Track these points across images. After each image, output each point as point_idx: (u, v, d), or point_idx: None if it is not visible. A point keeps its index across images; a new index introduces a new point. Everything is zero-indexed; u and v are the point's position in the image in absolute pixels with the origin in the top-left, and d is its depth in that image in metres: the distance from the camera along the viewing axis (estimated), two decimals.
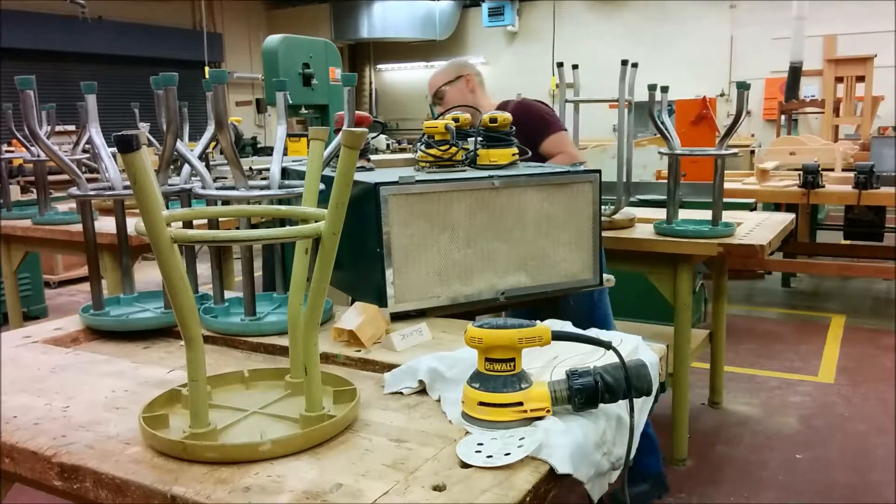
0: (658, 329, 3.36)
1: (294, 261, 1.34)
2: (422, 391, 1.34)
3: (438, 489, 0.99)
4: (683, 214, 3.09)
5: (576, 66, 3.17)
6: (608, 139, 8.09)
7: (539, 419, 1.15)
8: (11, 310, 3.97)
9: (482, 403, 1.15)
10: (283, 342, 1.63)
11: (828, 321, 5.38)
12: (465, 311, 1.91)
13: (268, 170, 1.79)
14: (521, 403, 1.15)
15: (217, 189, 1.83)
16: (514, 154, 2.09)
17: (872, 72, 7.80)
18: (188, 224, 1.87)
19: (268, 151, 6.62)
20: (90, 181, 1.88)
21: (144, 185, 0.99)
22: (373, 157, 2.56)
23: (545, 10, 14.13)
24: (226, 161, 2.00)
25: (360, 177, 1.84)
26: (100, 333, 1.78)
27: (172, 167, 2.10)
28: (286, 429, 1.17)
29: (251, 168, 3.50)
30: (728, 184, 4.30)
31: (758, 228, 3.04)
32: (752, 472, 3.17)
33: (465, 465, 1.05)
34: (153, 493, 1.00)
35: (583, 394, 1.16)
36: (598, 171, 2.02)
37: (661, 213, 3.12)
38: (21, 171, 5.38)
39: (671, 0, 13.02)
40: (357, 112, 2.03)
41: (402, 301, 1.79)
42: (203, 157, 1.93)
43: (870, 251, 6.12)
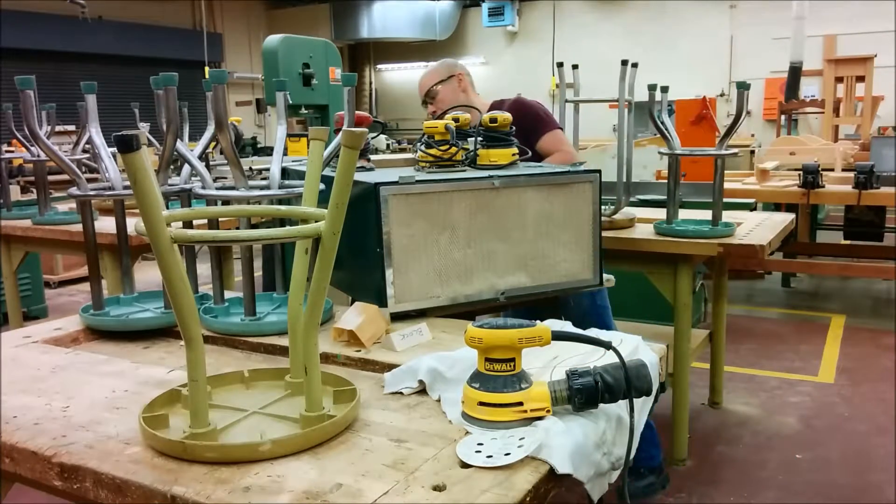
0: (658, 329, 3.36)
1: (294, 261, 1.34)
2: (422, 391, 1.34)
3: (438, 489, 0.99)
4: (683, 214, 3.09)
5: (576, 66, 3.17)
6: (608, 139, 8.09)
7: (539, 419, 1.15)
8: (11, 310, 3.97)
9: (482, 403, 1.15)
10: (283, 342, 1.63)
11: (828, 321, 5.38)
12: (465, 311, 1.91)
13: (268, 170, 1.79)
14: (521, 403, 1.15)
15: (217, 189, 1.83)
16: (514, 154, 2.09)
17: (872, 72, 7.81)
18: (188, 224, 1.87)
19: (268, 151, 6.63)
20: (90, 181, 1.88)
21: (144, 185, 0.99)
22: (373, 157, 2.56)
23: (545, 10, 14.13)
24: (226, 161, 2.00)
25: (360, 177, 1.84)
26: (100, 333, 1.78)
27: (172, 167, 2.10)
28: (286, 429, 1.17)
29: (251, 168, 3.50)
30: (728, 184, 4.30)
31: (758, 228, 3.04)
32: (752, 472, 3.17)
33: (465, 465, 1.05)
34: (153, 493, 1.00)
35: (583, 394, 1.16)
36: (598, 171, 2.02)
37: (661, 213, 3.11)
38: (21, 171, 5.38)
39: (671, 0, 13.02)
40: (357, 112, 2.03)
41: (402, 301, 1.79)
42: (203, 157, 1.92)
43: (870, 251, 6.12)
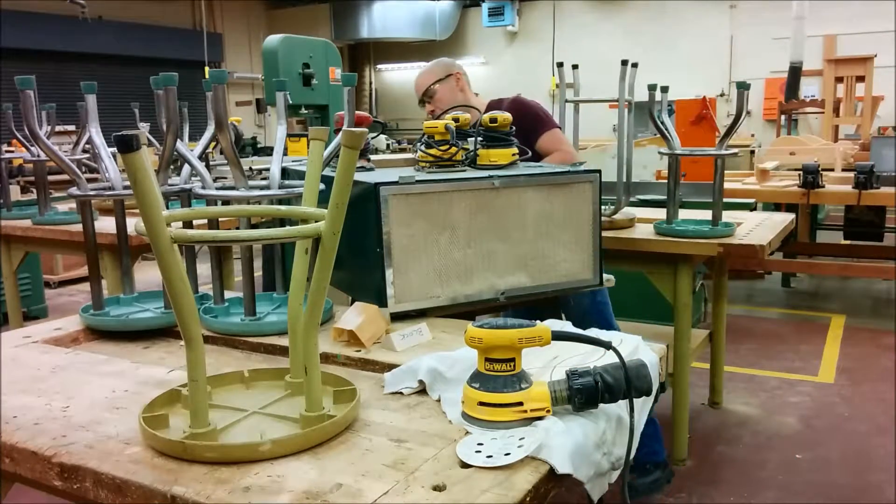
0: (658, 329, 3.36)
1: (294, 261, 1.34)
2: (422, 391, 1.34)
3: (438, 489, 0.99)
4: (683, 214, 3.09)
5: (576, 66, 3.17)
6: (608, 139, 8.09)
7: (539, 419, 1.15)
8: (11, 310, 3.97)
9: (482, 403, 1.15)
10: (283, 342, 1.63)
11: (828, 321, 5.38)
12: (465, 311, 1.91)
13: (268, 170, 1.79)
14: (521, 403, 1.15)
15: (217, 189, 1.83)
16: (514, 154, 2.09)
17: (872, 72, 7.81)
18: (188, 224, 1.87)
19: (268, 151, 6.62)
20: (90, 181, 1.88)
21: (144, 185, 0.99)
22: (373, 157, 2.56)
23: (545, 10, 14.13)
24: (226, 161, 2.00)
25: (360, 177, 1.84)
26: (100, 333, 1.78)
27: (172, 167, 2.10)
28: (286, 429, 1.17)
29: (251, 168, 3.50)
30: (728, 184, 4.30)
31: (758, 228, 3.04)
32: (752, 472, 3.17)
33: (465, 465, 1.05)
34: (153, 493, 1.00)
35: (583, 394, 1.16)
36: (598, 171, 2.02)
37: (661, 213, 3.11)
38: (21, 171, 5.38)
39: (671, 0, 13.02)
40: (357, 112, 2.03)
41: (402, 301, 1.79)
42: (203, 157, 1.92)
43: (870, 251, 6.12)
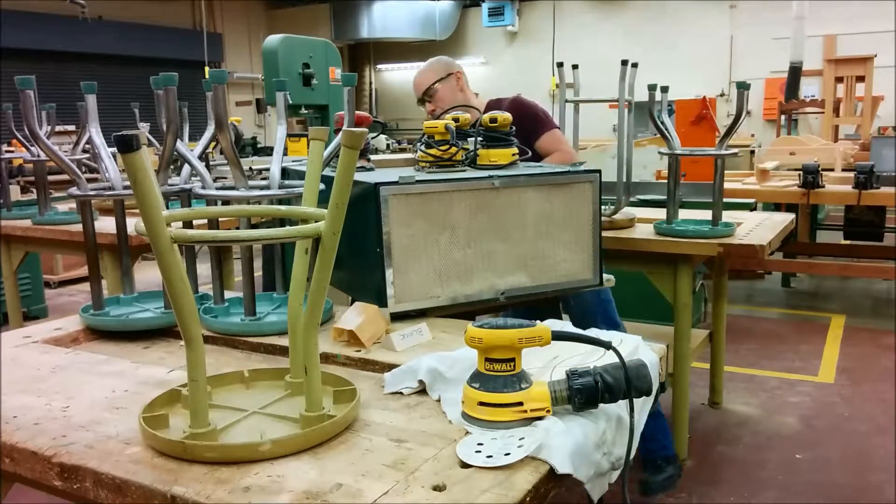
0: (658, 329, 3.36)
1: (294, 261, 1.34)
2: (422, 391, 1.34)
3: (438, 489, 0.99)
4: (683, 214, 3.09)
5: (576, 66, 3.17)
6: (608, 139, 8.09)
7: (539, 419, 1.15)
8: (11, 310, 3.97)
9: (482, 403, 1.15)
10: (283, 342, 1.63)
11: (828, 321, 5.38)
12: (465, 311, 1.91)
13: (268, 170, 1.79)
14: (521, 403, 1.15)
15: (217, 189, 1.83)
16: (514, 154, 2.09)
17: (872, 72, 7.81)
18: (188, 224, 1.87)
19: (268, 151, 6.62)
20: (90, 181, 1.88)
21: (144, 185, 0.99)
22: (373, 157, 2.56)
23: (545, 10, 14.13)
24: (226, 161, 2.00)
25: (360, 177, 1.84)
26: (100, 333, 1.78)
27: (172, 167, 2.10)
28: (286, 429, 1.17)
29: (251, 168, 3.50)
30: (728, 184, 4.30)
31: (758, 228, 3.04)
32: (752, 472, 3.17)
33: (465, 465, 1.05)
34: (153, 493, 1.00)
35: (583, 394, 1.16)
36: (598, 171, 2.02)
37: (661, 213, 3.11)
38: (21, 171, 5.38)
39: (671, 0, 13.02)
40: (357, 112, 2.03)
41: (402, 301, 1.79)
42: (203, 157, 1.92)
43: (870, 251, 6.12)
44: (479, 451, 1.07)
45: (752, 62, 12.23)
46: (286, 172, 1.92)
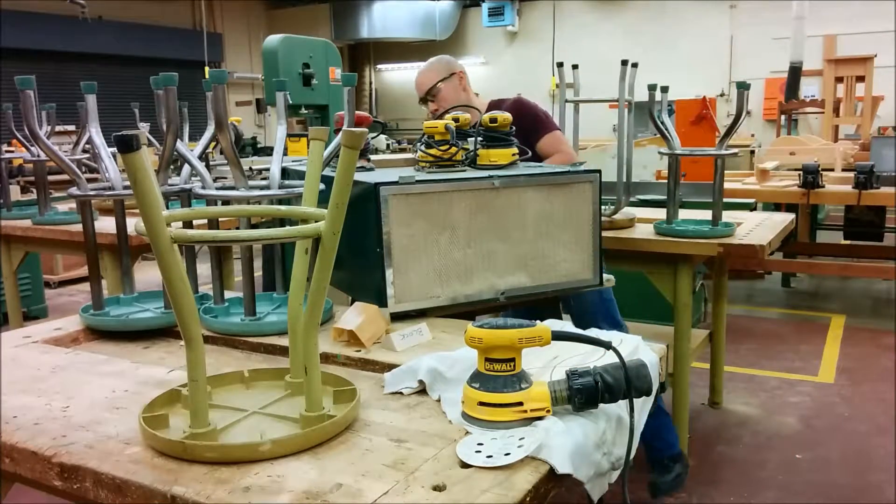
0: (658, 329, 3.36)
1: (294, 261, 1.34)
2: (422, 391, 1.34)
3: (438, 489, 0.99)
4: (683, 214, 3.09)
5: (576, 66, 3.17)
6: (608, 139, 8.09)
7: (539, 419, 1.15)
8: (11, 310, 3.97)
9: (482, 403, 1.15)
10: (283, 342, 1.63)
11: (828, 321, 5.38)
12: (465, 311, 1.91)
13: (268, 170, 1.79)
14: (521, 403, 1.15)
15: (217, 189, 1.83)
16: (514, 154, 2.09)
17: (872, 72, 7.81)
18: (188, 224, 1.87)
19: (268, 151, 6.62)
20: (90, 181, 1.88)
21: (144, 185, 0.99)
22: (373, 157, 2.56)
23: (545, 10, 14.13)
24: (226, 161, 2.00)
25: (360, 177, 1.84)
26: (100, 333, 1.78)
27: (172, 167, 2.10)
28: (286, 429, 1.17)
29: (251, 168, 3.50)
30: (728, 184, 4.30)
31: (758, 228, 3.04)
32: (752, 472, 3.17)
33: (465, 465, 1.05)
34: (153, 493, 1.00)
35: (583, 394, 1.16)
36: (598, 171, 2.02)
37: (661, 213, 3.11)
38: (21, 171, 5.38)
39: (671, 0, 13.02)
40: (357, 112, 2.03)
41: (402, 301, 1.79)
42: (203, 157, 1.92)
43: (870, 251, 6.12)
44: (479, 451, 1.07)
45: (752, 62, 12.23)
46: (286, 172, 1.92)
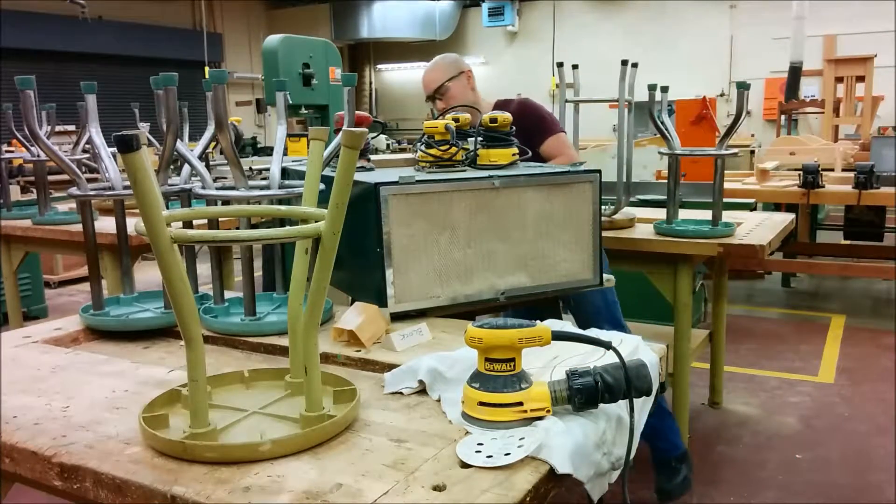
0: (658, 329, 3.36)
1: (294, 261, 1.34)
2: (422, 391, 1.34)
3: (438, 489, 0.99)
4: (683, 214, 3.09)
5: (576, 66, 3.17)
6: (608, 139, 8.09)
7: (539, 419, 1.15)
8: (11, 310, 3.97)
9: (482, 403, 1.15)
10: (283, 342, 1.63)
11: (828, 321, 5.38)
12: (465, 311, 1.91)
13: (268, 170, 1.79)
14: (521, 403, 1.15)
15: (217, 189, 1.83)
16: (514, 154, 2.09)
17: (872, 72, 7.81)
18: (188, 224, 1.87)
19: (268, 151, 6.63)
20: (90, 181, 1.88)
21: (144, 185, 0.99)
22: (373, 157, 2.56)
23: (545, 10, 14.13)
24: (226, 161, 2.00)
25: (360, 177, 1.84)
26: (100, 333, 1.78)
27: (172, 167, 2.10)
28: (286, 429, 1.17)
29: (251, 168, 3.50)
30: (728, 184, 4.30)
31: (758, 228, 3.04)
32: (752, 472, 3.17)
33: (465, 465, 1.05)
34: (153, 493, 1.00)
35: (583, 394, 1.16)
36: (598, 171, 2.02)
37: (661, 213, 3.11)
38: (21, 171, 5.38)
39: (671, 0, 13.02)
40: (357, 112, 2.03)
41: (402, 301, 1.79)
42: (203, 157, 1.93)
43: (870, 251, 6.12)
44: (479, 451, 1.07)
45: (752, 62, 12.23)
46: (286, 172, 1.92)
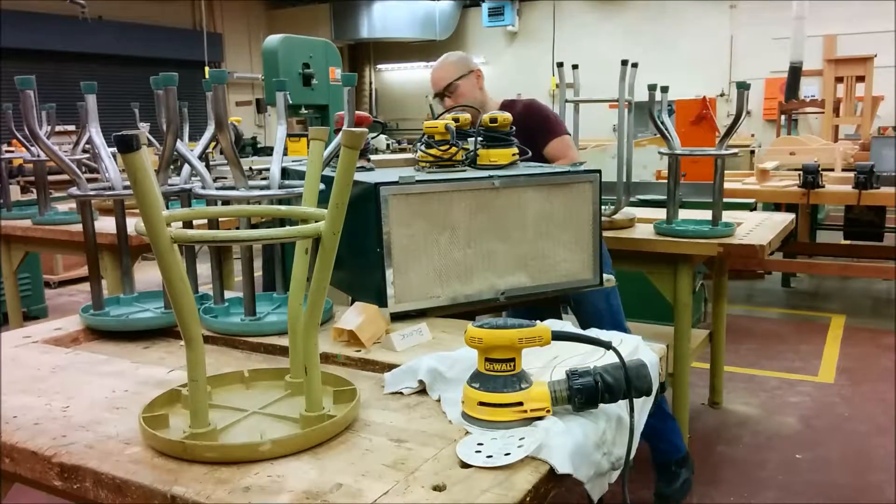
0: (658, 329, 3.36)
1: (294, 261, 1.34)
2: (422, 391, 1.34)
3: (438, 489, 0.99)
4: (683, 214, 3.09)
5: (576, 66, 3.17)
6: (608, 139, 8.09)
7: (539, 419, 1.15)
8: (11, 310, 3.97)
9: (482, 403, 1.15)
10: (283, 342, 1.63)
11: (828, 321, 5.38)
12: (465, 311, 1.91)
13: (268, 170, 1.79)
14: (521, 403, 1.15)
15: (217, 189, 1.83)
16: (514, 154, 2.09)
17: (872, 72, 7.81)
18: (188, 224, 1.87)
19: (268, 151, 6.63)
20: (90, 181, 1.88)
21: (144, 185, 0.99)
22: (373, 157, 2.56)
23: (545, 10, 14.14)
24: (226, 161, 2.00)
25: (360, 177, 1.84)
26: (100, 333, 1.78)
27: (172, 167, 2.10)
28: (286, 429, 1.17)
29: (251, 168, 3.50)
30: (728, 184, 4.30)
31: (758, 228, 3.04)
32: (752, 472, 3.17)
33: (465, 465, 1.05)
34: (153, 493, 1.00)
35: (583, 394, 1.16)
36: (598, 171, 2.02)
37: (661, 213, 3.11)
38: (21, 171, 5.38)
39: (671, 0, 13.02)
40: (357, 112, 2.03)
41: (402, 301, 1.79)
42: (203, 157, 1.93)
43: (870, 251, 6.12)
44: (479, 451, 1.07)
45: (752, 62, 12.23)
46: (286, 172, 1.92)
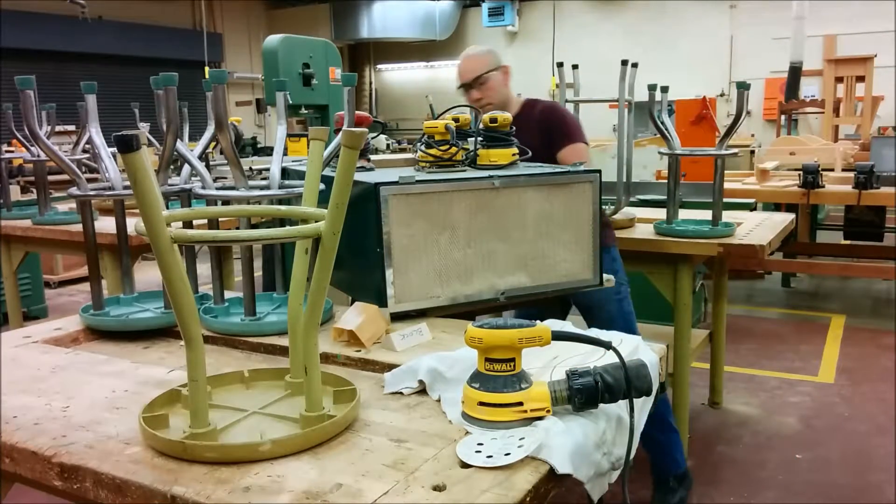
0: (658, 329, 3.36)
1: (294, 261, 1.34)
2: (422, 391, 1.34)
3: (438, 489, 0.99)
4: (683, 214, 3.09)
5: (576, 66, 3.17)
6: (608, 139, 8.09)
7: (539, 419, 1.15)
8: (11, 310, 3.97)
9: (482, 403, 1.15)
10: (283, 342, 1.63)
11: (828, 321, 5.38)
12: (465, 311, 1.91)
13: (268, 170, 1.79)
14: (521, 403, 1.15)
15: (217, 189, 1.83)
16: (514, 154, 2.09)
17: (872, 72, 7.81)
18: (188, 224, 1.87)
19: (268, 151, 6.63)
20: (90, 181, 1.88)
21: (144, 185, 0.99)
22: (373, 157, 2.56)
23: (545, 10, 14.13)
24: (226, 161, 2.00)
25: (360, 177, 1.84)
26: (100, 333, 1.78)
27: (172, 167, 2.10)
28: (286, 429, 1.17)
29: (251, 168, 3.50)
30: (728, 184, 4.30)
31: (758, 228, 3.04)
32: (752, 472, 3.17)
33: (465, 465, 1.05)
34: (153, 493, 1.00)
35: (583, 394, 1.16)
36: (598, 171, 2.02)
37: (661, 213, 3.12)
38: (21, 171, 5.38)
39: (671, 0, 13.02)
40: (357, 112, 2.03)
41: (402, 301, 1.79)
42: (203, 157, 1.93)
43: (870, 251, 6.12)
44: (479, 451, 1.07)
45: (752, 62, 12.23)
46: (286, 172, 1.92)
